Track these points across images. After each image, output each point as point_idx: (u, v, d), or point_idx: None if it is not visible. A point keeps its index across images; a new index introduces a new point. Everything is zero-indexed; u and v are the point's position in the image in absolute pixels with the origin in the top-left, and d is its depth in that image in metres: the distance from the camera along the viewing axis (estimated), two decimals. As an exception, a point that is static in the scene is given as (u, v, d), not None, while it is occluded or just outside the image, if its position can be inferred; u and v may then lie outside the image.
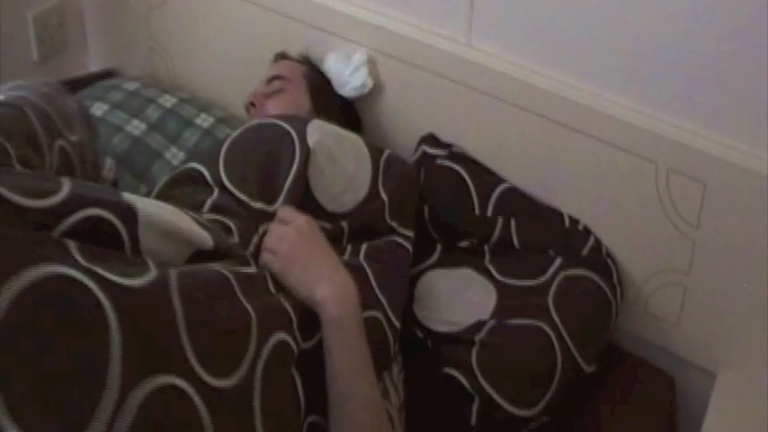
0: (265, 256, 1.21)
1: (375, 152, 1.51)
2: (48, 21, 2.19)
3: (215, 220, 1.24)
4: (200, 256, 1.09)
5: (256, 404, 1.00)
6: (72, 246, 0.88)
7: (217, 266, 1.08)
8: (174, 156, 1.84)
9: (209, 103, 2.01)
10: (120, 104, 1.93)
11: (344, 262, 1.27)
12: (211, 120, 1.92)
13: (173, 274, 0.97)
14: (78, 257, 0.87)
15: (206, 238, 1.09)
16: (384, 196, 1.46)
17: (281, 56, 1.81)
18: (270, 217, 1.30)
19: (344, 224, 1.39)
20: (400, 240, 1.45)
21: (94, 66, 2.34)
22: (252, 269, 1.16)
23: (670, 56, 1.40)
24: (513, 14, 1.55)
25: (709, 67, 1.37)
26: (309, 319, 1.17)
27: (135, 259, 0.97)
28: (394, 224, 1.47)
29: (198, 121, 1.91)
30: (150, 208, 1.02)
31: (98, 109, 1.91)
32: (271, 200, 1.32)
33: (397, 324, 1.31)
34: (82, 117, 1.39)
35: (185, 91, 2.07)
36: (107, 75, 2.21)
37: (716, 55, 1.35)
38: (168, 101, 1.96)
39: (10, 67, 2.04)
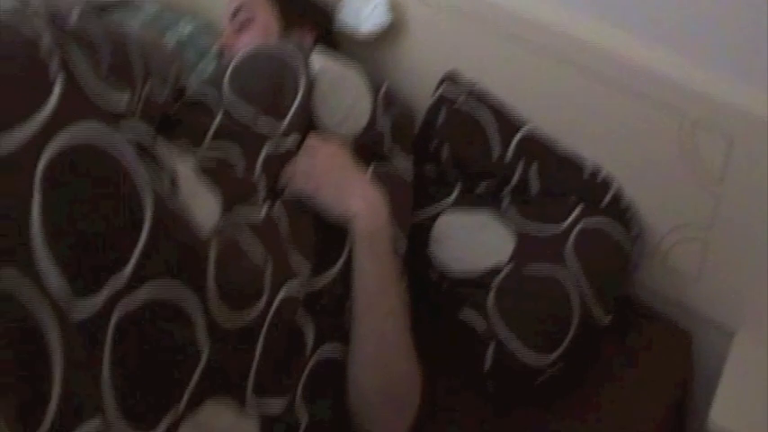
0: (297, 181, 1.27)
1: (374, 83, 1.52)
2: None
3: (219, 161, 1.26)
4: None
5: (258, 347, 1.08)
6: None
7: (230, 218, 1.15)
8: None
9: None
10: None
11: None
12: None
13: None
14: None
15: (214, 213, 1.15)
16: (384, 123, 1.48)
17: None
18: (272, 141, 1.32)
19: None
20: (402, 164, 1.48)
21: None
22: (261, 213, 1.20)
23: (703, 5, 1.35)
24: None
25: (743, 18, 1.32)
26: (327, 253, 1.24)
27: None
28: (396, 149, 1.49)
29: (215, 49, 1.87)
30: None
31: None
32: (278, 116, 1.33)
33: (403, 241, 1.35)
34: (175, 90, 1.41)
35: (203, 17, 2.02)
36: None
37: (750, 5, 1.30)
38: (185, 28, 1.93)
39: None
